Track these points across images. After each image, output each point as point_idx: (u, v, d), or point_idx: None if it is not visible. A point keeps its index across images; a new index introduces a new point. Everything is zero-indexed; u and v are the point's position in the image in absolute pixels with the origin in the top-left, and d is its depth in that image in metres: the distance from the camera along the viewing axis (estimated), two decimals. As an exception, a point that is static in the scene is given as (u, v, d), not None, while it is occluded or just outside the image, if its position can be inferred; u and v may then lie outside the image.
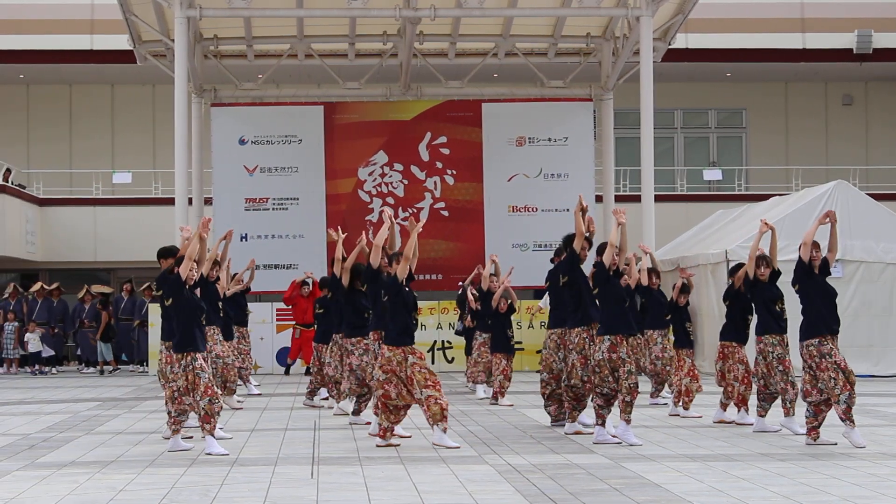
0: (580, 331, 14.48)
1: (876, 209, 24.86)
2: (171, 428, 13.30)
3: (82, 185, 35.90)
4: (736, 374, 15.57)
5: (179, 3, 25.61)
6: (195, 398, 13.01)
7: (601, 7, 26.49)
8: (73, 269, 34.75)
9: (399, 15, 26.09)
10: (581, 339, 14.44)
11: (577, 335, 14.50)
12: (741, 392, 15.58)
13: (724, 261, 24.03)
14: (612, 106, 30.46)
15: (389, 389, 13.40)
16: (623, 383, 13.55)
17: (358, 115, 29.80)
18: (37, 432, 15.41)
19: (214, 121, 29.62)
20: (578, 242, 14.73)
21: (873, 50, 35.65)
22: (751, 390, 15.47)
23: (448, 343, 26.41)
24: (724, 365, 15.70)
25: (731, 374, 15.61)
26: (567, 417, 14.73)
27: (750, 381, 15.44)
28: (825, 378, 13.03)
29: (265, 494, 10.28)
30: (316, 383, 18.64)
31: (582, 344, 14.42)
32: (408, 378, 13.35)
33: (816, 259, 13.62)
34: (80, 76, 36.34)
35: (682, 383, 16.83)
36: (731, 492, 10.18)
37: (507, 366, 18.91)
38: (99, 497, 10.24)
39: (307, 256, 28.52)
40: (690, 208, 34.23)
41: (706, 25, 34.62)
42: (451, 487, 10.57)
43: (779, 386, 14.47)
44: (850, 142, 38.44)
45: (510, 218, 29.52)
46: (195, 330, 13.16)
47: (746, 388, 15.57)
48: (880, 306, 24.23)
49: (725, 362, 15.70)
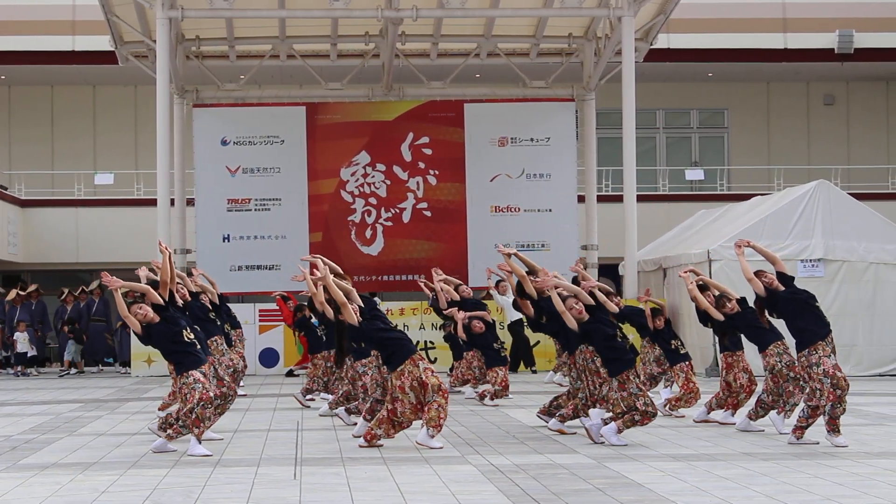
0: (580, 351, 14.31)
1: (857, 209, 24.92)
2: (169, 433, 13.20)
3: (64, 187, 35.82)
4: (742, 383, 15.44)
5: (161, 4, 25.60)
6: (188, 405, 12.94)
7: (583, 7, 26.50)
8: (55, 271, 34.70)
9: (381, 15, 26.11)
10: (584, 358, 14.27)
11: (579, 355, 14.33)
12: (740, 400, 15.53)
13: (706, 260, 24.07)
14: (594, 106, 30.49)
15: (397, 407, 13.34)
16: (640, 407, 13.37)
17: (340, 116, 29.77)
18: (19, 434, 15.36)
19: (196, 122, 29.57)
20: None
21: (855, 50, 35.72)
22: (750, 397, 15.44)
23: (431, 343, 26.39)
24: (729, 375, 15.49)
25: (737, 382, 15.46)
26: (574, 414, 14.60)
27: (752, 390, 15.37)
28: (813, 388, 13.03)
29: (248, 495, 10.27)
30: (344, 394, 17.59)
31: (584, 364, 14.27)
32: (422, 382, 13.25)
33: (771, 281, 13.52)
34: (62, 77, 36.27)
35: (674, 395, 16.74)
36: (715, 491, 10.19)
37: (504, 377, 18.82)
38: (81, 499, 10.21)
39: (290, 257, 28.40)
40: (672, 208, 34.29)
41: (688, 26, 34.68)
42: (435, 488, 10.57)
43: (786, 388, 14.48)
44: (831, 142, 38.54)
45: (493, 218, 29.53)
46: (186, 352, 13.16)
47: (746, 396, 15.51)
48: (863, 306, 24.29)
49: (730, 372, 15.48)
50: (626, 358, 13.64)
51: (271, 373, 26.74)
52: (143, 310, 13.19)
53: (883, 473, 11.10)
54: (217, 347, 16.75)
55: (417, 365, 13.27)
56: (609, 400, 13.76)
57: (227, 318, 18.89)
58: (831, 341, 13.16)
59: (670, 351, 16.86)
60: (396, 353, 13.34)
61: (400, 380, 13.24)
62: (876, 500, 9.74)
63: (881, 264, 24.43)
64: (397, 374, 13.27)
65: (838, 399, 12.92)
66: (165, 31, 25.80)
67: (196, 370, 13.09)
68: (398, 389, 13.26)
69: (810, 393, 13.14)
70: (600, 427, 13.54)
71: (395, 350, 13.38)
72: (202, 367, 13.20)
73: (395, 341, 13.46)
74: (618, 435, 13.38)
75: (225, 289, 22.33)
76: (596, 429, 13.58)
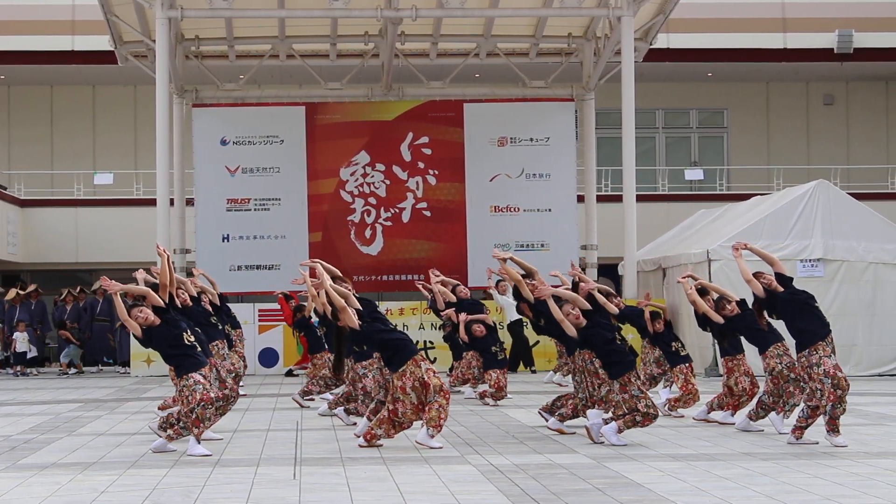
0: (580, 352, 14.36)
1: (857, 208, 24.92)
2: (170, 434, 13.20)
3: (64, 187, 35.81)
4: (744, 386, 15.42)
5: (161, 4, 25.59)
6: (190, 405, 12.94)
7: (582, 7, 26.49)
8: (54, 271, 34.69)
9: (381, 15, 26.10)
10: (582, 359, 14.32)
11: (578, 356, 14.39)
12: (742, 402, 15.52)
13: (705, 260, 24.07)
14: (593, 106, 30.47)
15: (399, 407, 13.33)
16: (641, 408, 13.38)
17: (340, 116, 29.77)
18: (18, 434, 15.35)
19: (196, 121, 29.56)
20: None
21: (854, 50, 35.72)
22: (752, 399, 15.42)
23: (430, 343, 26.38)
24: (730, 379, 15.45)
25: (739, 386, 15.43)
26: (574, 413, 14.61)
27: (754, 393, 15.35)
28: (813, 388, 13.03)
29: (247, 495, 10.26)
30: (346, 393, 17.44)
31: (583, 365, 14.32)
32: (424, 383, 13.23)
33: (770, 282, 13.51)
34: (62, 77, 36.26)
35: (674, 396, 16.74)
36: (714, 491, 10.19)
37: (497, 379, 18.79)
38: (81, 499, 10.21)
39: (289, 257, 28.44)
40: (672, 208, 34.29)
41: (687, 25, 34.67)
42: (434, 488, 10.57)
43: (787, 389, 14.48)
44: (831, 141, 38.54)
45: (492, 218, 29.52)
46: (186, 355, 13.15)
47: (748, 399, 15.49)
48: (862, 306, 24.29)
49: (730, 376, 15.45)
50: (627, 360, 13.62)
51: (271, 373, 26.73)
52: (143, 313, 13.17)
53: (882, 473, 11.11)
54: (219, 352, 16.73)
55: (419, 366, 13.26)
56: (610, 402, 13.76)
57: (227, 318, 18.89)
58: (831, 341, 13.15)
59: (671, 353, 16.83)
60: (398, 354, 13.33)
61: (402, 380, 13.23)
62: (875, 500, 9.74)
63: (880, 264, 24.43)
64: (399, 374, 13.26)
65: (839, 399, 12.92)
66: (165, 31, 25.79)
67: (196, 372, 13.08)
68: (399, 390, 13.25)
69: (810, 393, 13.14)
70: (600, 427, 13.53)
71: (396, 351, 13.36)
72: (202, 370, 13.18)
73: (396, 342, 13.45)
74: (618, 435, 13.37)
75: (224, 289, 22.29)
76: (596, 428, 13.57)
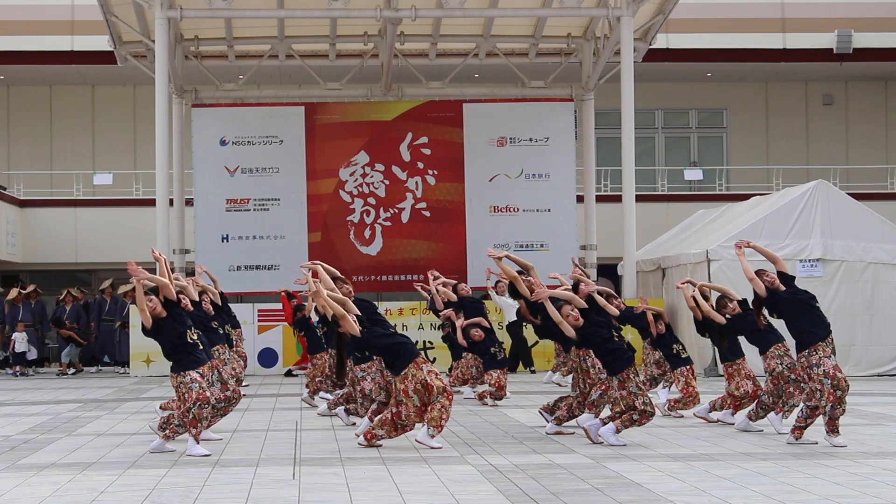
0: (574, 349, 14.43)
1: (856, 209, 24.93)
2: (166, 433, 13.21)
3: (63, 187, 35.83)
4: (746, 390, 15.38)
5: (160, 4, 25.59)
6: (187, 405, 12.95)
7: (582, 7, 26.49)
8: (53, 271, 34.69)
9: (380, 15, 26.10)
10: (576, 356, 14.41)
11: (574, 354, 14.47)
12: (743, 403, 15.50)
13: (705, 261, 24.09)
14: (592, 106, 30.48)
15: (402, 410, 13.32)
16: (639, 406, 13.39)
17: (339, 116, 29.77)
18: (18, 434, 15.36)
19: (195, 122, 29.56)
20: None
21: (853, 50, 35.73)
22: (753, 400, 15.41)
23: (430, 343, 26.38)
24: (731, 384, 15.40)
25: (741, 390, 15.36)
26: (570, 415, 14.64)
27: (756, 396, 15.32)
28: (812, 388, 13.03)
29: (247, 495, 10.27)
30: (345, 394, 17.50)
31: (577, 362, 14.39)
32: (426, 385, 13.22)
33: (773, 281, 13.50)
34: (61, 77, 36.26)
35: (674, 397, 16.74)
36: (713, 491, 10.19)
37: (497, 378, 18.80)
38: (80, 498, 10.21)
39: (289, 257, 28.49)
40: (671, 208, 34.31)
41: (687, 26, 34.68)
42: (433, 488, 10.57)
43: (787, 390, 14.47)
44: (830, 141, 38.55)
45: (492, 218, 29.53)
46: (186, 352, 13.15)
47: (750, 401, 15.46)
48: (861, 306, 24.30)
49: (731, 382, 15.41)
50: (625, 356, 13.61)
51: (270, 373, 26.73)
52: (152, 302, 13.19)
53: (881, 473, 11.11)
54: (220, 356, 16.71)
55: (421, 368, 13.24)
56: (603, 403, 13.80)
57: (227, 318, 18.89)
58: (831, 342, 13.14)
59: (672, 355, 16.76)
60: (400, 358, 13.31)
61: (404, 384, 13.22)
62: (874, 500, 9.74)
63: (880, 264, 24.44)
64: (401, 378, 13.25)
65: (838, 400, 12.91)
66: (164, 31, 25.80)
67: (193, 370, 13.07)
68: (402, 393, 13.23)
69: (809, 393, 13.15)
70: (598, 427, 13.54)
71: (398, 355, 13.34)
72: (201, 368, 13.18)
73: (397, 346, 13.41)
74: (616, 435, 13.38)
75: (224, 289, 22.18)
76: (594, 428, 13.57)
